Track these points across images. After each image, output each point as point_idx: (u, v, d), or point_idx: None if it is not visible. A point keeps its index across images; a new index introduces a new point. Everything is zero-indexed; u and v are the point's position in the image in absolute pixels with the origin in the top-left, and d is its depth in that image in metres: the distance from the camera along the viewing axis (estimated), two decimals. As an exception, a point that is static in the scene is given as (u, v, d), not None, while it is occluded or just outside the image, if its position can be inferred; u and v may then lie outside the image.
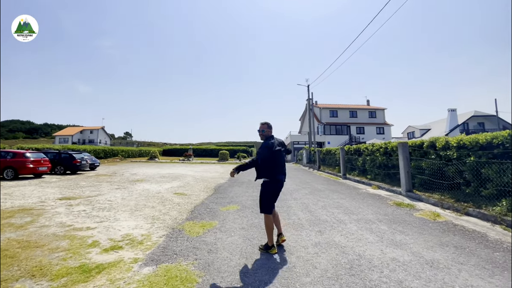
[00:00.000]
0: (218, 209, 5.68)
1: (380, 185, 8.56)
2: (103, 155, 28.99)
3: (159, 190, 8.75)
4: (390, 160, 8.60)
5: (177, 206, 6.19)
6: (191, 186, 9.75)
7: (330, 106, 39.55)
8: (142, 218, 5.13)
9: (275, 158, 3.19)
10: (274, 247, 3.13)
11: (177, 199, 7.20)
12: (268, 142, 3.27)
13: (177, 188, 9.24)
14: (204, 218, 4.93)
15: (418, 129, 44.59)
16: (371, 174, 9.98)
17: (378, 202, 6.18)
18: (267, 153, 3.19)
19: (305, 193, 7.67)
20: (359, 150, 11.56)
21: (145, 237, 3.90)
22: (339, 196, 7.04)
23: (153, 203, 6.64)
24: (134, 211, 5.76)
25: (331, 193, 7.56)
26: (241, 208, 5.72)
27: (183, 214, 5.36)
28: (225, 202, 6.46)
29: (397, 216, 4.83)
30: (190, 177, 13.05)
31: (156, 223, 4.70)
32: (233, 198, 7.01)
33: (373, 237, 3.58)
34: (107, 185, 9.97)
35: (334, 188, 8.65)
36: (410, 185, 7.01)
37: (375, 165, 9.73)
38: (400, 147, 7.25)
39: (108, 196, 7.49)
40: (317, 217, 4.76)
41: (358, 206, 5.75)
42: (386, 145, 8.93)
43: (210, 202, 6.54)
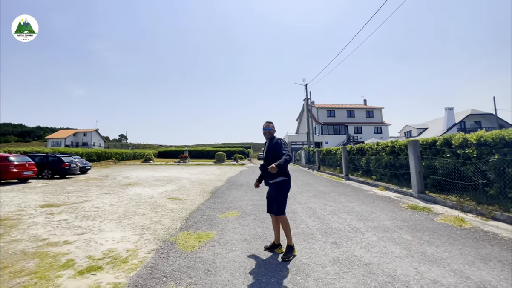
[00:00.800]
0: (216, 216, 5.10)
1: (387, 186, 8.07)
2: (96, 158, 28.14)
3: (152, 195, 8.15)
4: (398, 160, 8.12)
5: (170, 213, 5.60)
6: (187, 190, 9.15)
7: (328, 106, 39.19)
8: (130, 228, 4.54)
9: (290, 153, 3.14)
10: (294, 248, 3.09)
11: (171, 204, 6.61)
12: (281, 139, 3.22)
13: (171, 192, 8.63)
14: (200, 228, 4.35)
15: (415, 128, 44.51)
16: (377, 174, 9.50)
17: (390, 206, 5.66)
18: (286, 147, 3.10)
19: (309, 196, 7.14)
20: (363, 150, 11.08)
21: (130, 253, 3.31)
22: (347, 199, 6.51)
23: (144, 209, 6.04)
24: (122, 219, 5.16)
25: (337, 196, 7.03)
26: (241, 215, 5.15)
27: (176, 223, 4.78)
28: (224, 208, 5.89)
29: (416, 222, 4.31)
30: (186, 180, 12.44)
31: (145, 234, 4.12)
32: (232, 203, 6.44)
33: (399, 250, 3.05)
34: (96, 189, 9.31)
35: (340, 190, 8.13)
36: (422, 186, 6.52)
37: (380, 165, 9.25)
38: (411, 146, 6.76)
39: (96, 202, 6.87)
40: (329, 225, 4.21)
41: (370, 210, 5.23)
42: (393, 143, 8.45)
43: (207, 208, 5.97)
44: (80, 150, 26.26)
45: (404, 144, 7.73)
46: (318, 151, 17.90)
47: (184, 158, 30.22)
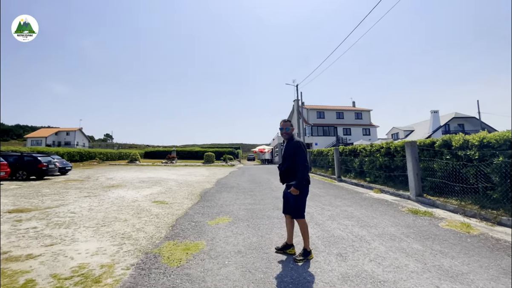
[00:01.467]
0: (205, 223, 4.66)
1: (382, 189, 7.85)
2: (79, 158, 26.90)
3: (136, 198, 7.59)
4: (393, 161, 7.93)
5: (155, 219, 5.11)
6: (174, 193, 8.62)
7: (317, 107, 39.31)
8: (108, 237, 4.03)
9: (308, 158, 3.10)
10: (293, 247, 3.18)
11: (156, 209, 6.11)
12: (300, 140, 3.16)
13: (157, 195, 8.09)
14: (188, 237, 3.90)
15: (402, 130, 45.38)
16: (371, 176, 9.30)
17: (390, 210, 5.40)
18: (305, 153, 3.03)
19: (304, 199, 6.82)
20: (356, 151, 10.89)
21: (105, 269, 2.83)
22: (343, 203, 6.22)
23: (126, 214, 5.52)
24: (101, 226, 4.63)
25: (333, 199, 6.73)
26: (233, 221, 4.73)
27: (161, 231, 4.30)
28: (214, 213, 5.45)
29: (422, 228, 4.04)
30: (173, 182, 11.87)
31: (125, 245, 3.63)
32: (222, 207, 6.01)
33: (413, 264, 2.73)
34: (75, 192, 8.63)
35: (334, 193, 7.85)
36: (420, 189, 6.32)
37: (374, 166, 9.06)
38: (408, 147, 6.56)
39: (73, 207, 6.26)
40: (330, 233, 3.86)
41: (370, 215, 4.93)
42: (389, 145, 8.26)
43: (196, 213, 5.51)
44: (61, 149, 25.01)
45: (401, 145, 7.54)
46: (309, 152, 17.69)
47: (172, 159, 29.38)
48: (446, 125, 38.64)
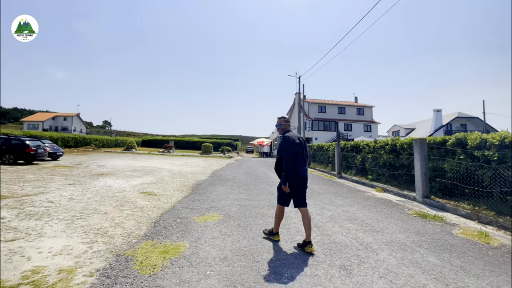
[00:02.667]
0: (192, 220, 4.19)
1: (385, 188, 7.41)
2: (73, 144, 26.36)
3: (123, 188, 7.13)
4: (399, 159, 7.45)
5: (138, 213, 4.65)
6: (165, 183, 8.16)
7: (319, 101, 38.62)
8: (81, 232, 3.57)
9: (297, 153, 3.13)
10: (277, 235, 3.36)
11: (142, 201, 5.64)
12: (287, 135, 3.27)
13: (147, 186, 7.63)
14: (170, 236, 3.44)
15: (403, 128, 44.91)
16: (373, 174, 8.84)
17: (396, 212, 4.94)
18: (289, 145, 3.15)
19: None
20: (358, 147, 10.41)
21: (63, 275, 2.37)
22: (344, 202, 5.76)
23: (108, 206, 5.05)
24: (76, 219, 4.17)
25: (333, 197, 6.27)
26: (223, 219, 4.27)
27: (142, 227, 3.84)
28: (203, 208, 4.98)
29: (434, 236, 3.58)
30: (166, 172, 11.40)
31: (97, 243, 3.17)
32: (214, 202, 5.54)
33: (433, 284, 2.27)
34: (60, 179, 8.16)
35: (334, 190, 7.39)
36: (428, 190, 5.86)
37: (377, 164, 8.58)
38: (417, 145, 6.07)
39: (52, 195, 5.80)
40: (331, 238, 3.40)
41: (375, 218, 4.47)
42: (394, 142, 7.76)
43: (184, 208, 5.04)
44: (55, 134, 24.42)
45: (408, 142, 7.05)
46: (309, 147, 17.22)
47: (169, 148, 28.87)
48: (448, 124, 38.11)
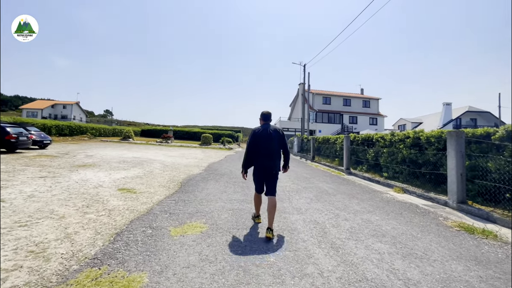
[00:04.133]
0: (166, 232, 3.17)
1: (405, 188, 6.35)
2: (68, 132, 25.42)
3: (101, 183, 6.14)
4: (422, 155, 6.35)
5: (103, 218, 3.64)
6: (152, 178, 7.16)
7: (324, 93, 37.21)
8: (9, 249, 2.57)
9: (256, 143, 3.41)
10: (258, 217, 3.71)
11: (116, 200, 4.64)
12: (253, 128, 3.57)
13: (130, 180, 6.63)
14: (126, 261, 2.42)
15: (410, 122, 43.51)
16: (389, 171, 7.77)
17: (431, 223, 3.89)
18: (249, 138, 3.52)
19: (310, 198, 5.30)
20: (370, 140, 9.30)
21: None
22: (362, 207, 4.71)
23: (70, 207, 4.06)
24: (18, 227, 3.18)
25: (347, 200, 5.22)
26: (208, 231, 3.24)
27: (97, 242, 2.83)
28: (186, 213, 3.96)
29: (502, 267, 2.53)
30: (158, 164, 10.40)
31: (18, 272, 2.16)
32: (201, 204, 4.52)
33: None
34: (34, 171, 7.17)
35: (346, 190, 6.34)
36: (464, 194, 4.78)
37: (395, 160, 7.49)
38: (452, 138, 4.96)
39: (9, 192, 4.80)
40: (358, 271, 2.34)
41: (408, 232, 3.43)
42: (418, 134, 6.65)
43: (162, 212, 4.02)
44: (48, 122, 23.45)
45: (435, 135, 5.94)
46: (314, 139, 16.11)
47: (167, 138, 27.85)
48: (457, 118, 36.69)
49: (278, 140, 3.43)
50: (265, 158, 3.38)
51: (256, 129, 3.50)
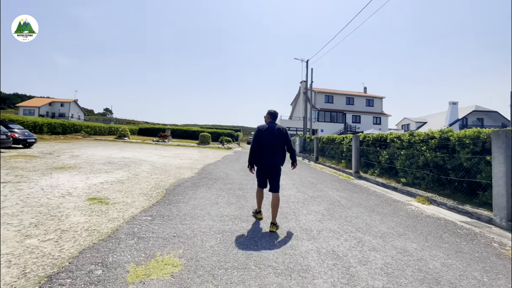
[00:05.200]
0: (121, 275, 2.18)
1: (431, 198, 5.36)
2: (61, 130, 24.45)
3: (71, 190, 5.19)
4: (451, 159, 5.36)
5: (46, 246, 2.68)
6: (135, 183, 6.20)
7: (326, 91, 36.17)
8: None
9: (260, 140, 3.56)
10: (260, 213, 3.83)
11: (78, 216, 3.67)
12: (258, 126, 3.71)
13: (108, 186, 5.67)
14: None
15: (414, 122, 42.44)
16: (407, 176, 6.77)
17: (487, 253, 2.90)
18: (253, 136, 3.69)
19: (321, 212, 4.29)
20: (384, 140, 8.31)
21: None
22: (388, 226, 3.71)
23: (12, 228, 3.08)
24: None
25: (367, 215, 4.23)
26: (182, 273, 2.24)
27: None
28: (159, 239, 2.96)
29: None
30: (148, 165, 9.43)
31: None
32: (183, 222, 3.53)
33: None
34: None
35: (361, 200, 5.34)
36: (516, 209, 3.79)
37: (414, 163, 6.50)
38: (500, 139, 3.96)
39: None
40: None
41: (467, 272, 2.44)
42: (445, 134, 5.66)
43: (129, 235, 3.03)
44: (39, 119, 22.48)
45: (471, 135, 4.94)
46: (317, 139, 15.11)
47: (164, 137, 26.86)
48: (464, 118, 35.62)
49: (282, 138, 3.60)
50: (268, 155, 3.55)
51: (261, 126, 3.66)
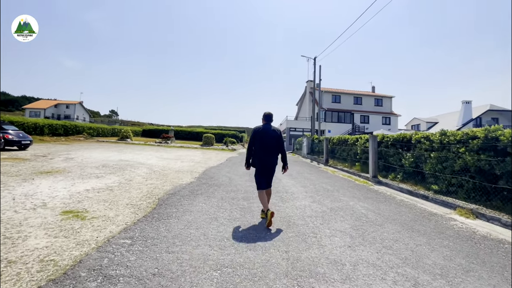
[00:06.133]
0: None
1: (476, 210, 4.42)
2: (63, 132, 23.99)
3: (48, 200, 4.44)
4: (502, 164, 4.41)
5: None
6: (125, 190, 5.42)
7: (333, 90, 35.10)
8: None
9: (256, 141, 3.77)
10: (269, 210, 3.56)
11: (40, 237, 2.89)
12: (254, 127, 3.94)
13: (92, 195, 4.89)
14: None
15: (424, 122, 41.04)
16: (439, 183, 5.82)
17: None
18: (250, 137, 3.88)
19: (349, 234, 3.39)
20: (407, 141, 7.37)
21: None
22: (443, 255, 2.80)
23: None
24: None
25: (407, 237, 3.31)
26: None
27: None
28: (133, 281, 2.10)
29: None
30: (145, 169, 8.66)
31: None
32: (170, 250, 2.67)
33: None
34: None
35: (392, 213, 4.42)
36: None
37: (449, 168, 5.55)
38: None
39: None
40: None
41: None
42: (492, 134, 4.71)
43: (93, 272, 2.19)
44: (40, 121, 22.04)
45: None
46: (327, 140, 14.17)
47: (167, 139, 26.19)
48: (478, 118, 34.15)
49: (276, 139, 3.79)
50: (264, 154, 3.76)
51: (257, 128, 3.85)
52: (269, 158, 3.76)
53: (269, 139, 3.73)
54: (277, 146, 3.79)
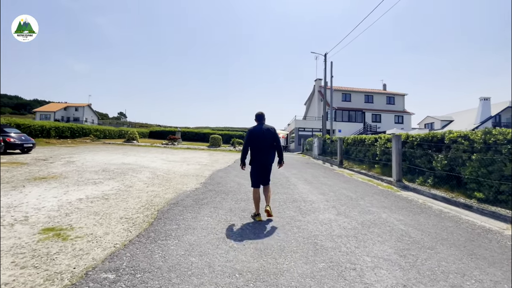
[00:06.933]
0: None
1: (541, 226, 3.59)
2: (70, 134, 23.82)
3: (33, 212, 3.88)
4: None
5: None
6: (122, 199, 4.80)
7: (343, 89, 34.03)
8: None
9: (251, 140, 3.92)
10: (258, 215, 3.76)
11: (5, 267, 2.22)
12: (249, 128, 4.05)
13: (84, 206, 4.30)
14: None
15: (438, 120, 39.51)
16: (484, 190, 4.98)
17: None
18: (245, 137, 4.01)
19: (395, 262, 2.61)
20: (438, 141, 6.53)
21: None
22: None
23: None
24: None
25: (473, 267, 2.54)
26: None
27: None
28: None
29: None
30: (148, 173, 8.08)
31: None
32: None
33: None
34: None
35: (440, 231, 3.62)
36: None
37: (496, 172, 4.71)
38: None
39: None
40: None
41: None
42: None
43: None
44: (47, 123, 21.90)
45: None
46: (341, 140, 13.32)
47: (174, 140, 25.75)
48: (497, 115, 32.53)
49: (271, 137, 3.94)
50: (259, 153, 3.90)
51: (251, 128, 3.99)
52: (265, 157, 3.89)
53: (264, 139, 3.88)
54: (272, 144, 3.96)
